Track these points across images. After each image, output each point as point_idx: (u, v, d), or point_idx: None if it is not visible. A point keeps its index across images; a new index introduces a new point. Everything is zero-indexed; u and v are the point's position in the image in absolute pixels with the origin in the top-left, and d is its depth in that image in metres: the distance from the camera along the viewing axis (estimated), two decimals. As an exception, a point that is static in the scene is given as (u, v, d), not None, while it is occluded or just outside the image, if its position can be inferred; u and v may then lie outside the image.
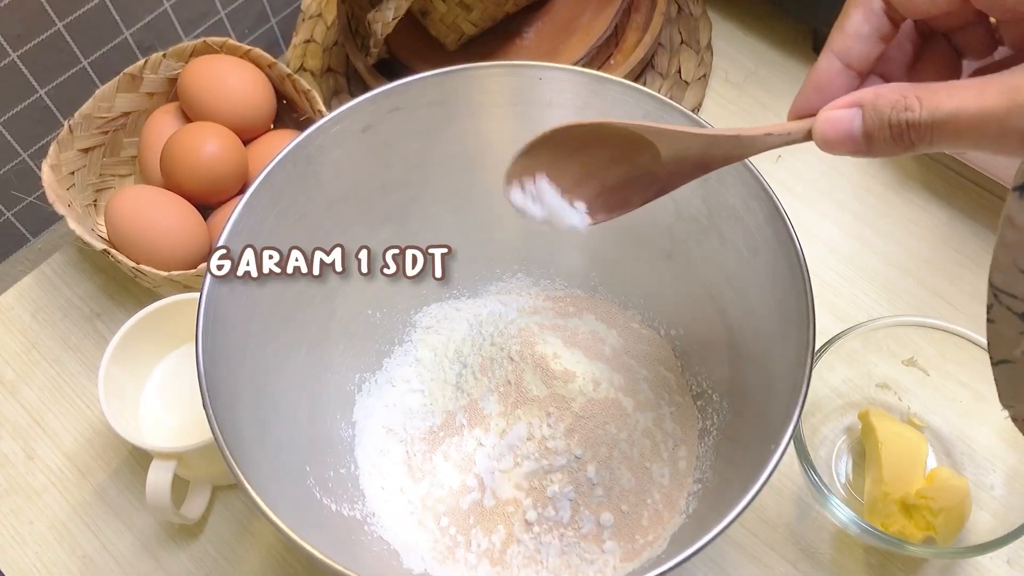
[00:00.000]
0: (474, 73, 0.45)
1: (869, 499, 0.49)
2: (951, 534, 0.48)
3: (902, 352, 0.51)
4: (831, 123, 0.29)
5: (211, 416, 0.36)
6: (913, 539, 0.47)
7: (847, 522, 0.45)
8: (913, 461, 0.49)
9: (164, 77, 0.62)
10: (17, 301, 0.61)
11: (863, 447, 0.52)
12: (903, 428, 0.50)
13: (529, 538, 0.46)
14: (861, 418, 0.51)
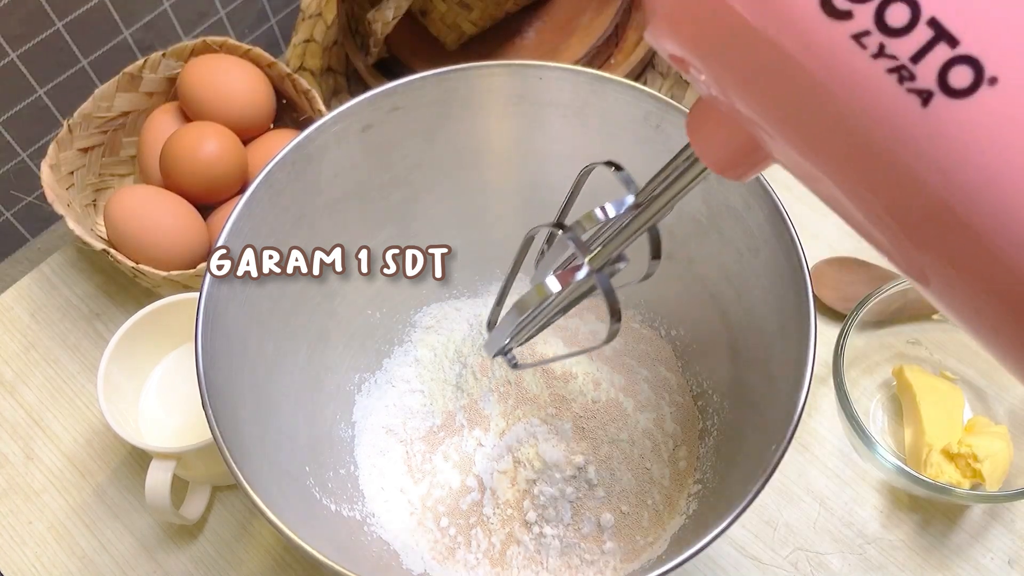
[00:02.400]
0: (474, 73, 0.45)
1: (911, 451, 0.51)
2: (998, 479, 0.49)
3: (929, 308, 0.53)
4: None
5: (210, 416, 0.36)
6: (961, 486, 0.47)
7: (894, 471, 0.46)
8: (951, 412, 0.51)
9: (163, 77, 0.62)
10: (16, 301, 0.61)
11: (898, 403, 0.53)
12: (938, 381, 0.52)
13: (529, 538, 0.46)
14: (896, 374, 0.53)
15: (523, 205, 0.51)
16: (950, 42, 0.18)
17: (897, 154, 0.19)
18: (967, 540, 0.50)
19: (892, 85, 0.19)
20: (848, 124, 0.20)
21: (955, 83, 0.18)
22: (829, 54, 0.19)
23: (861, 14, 0.18)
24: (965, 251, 0.20)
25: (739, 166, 0.24)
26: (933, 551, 0.50)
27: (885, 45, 0.19)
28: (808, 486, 0.52)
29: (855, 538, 0.51)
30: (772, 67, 0.20)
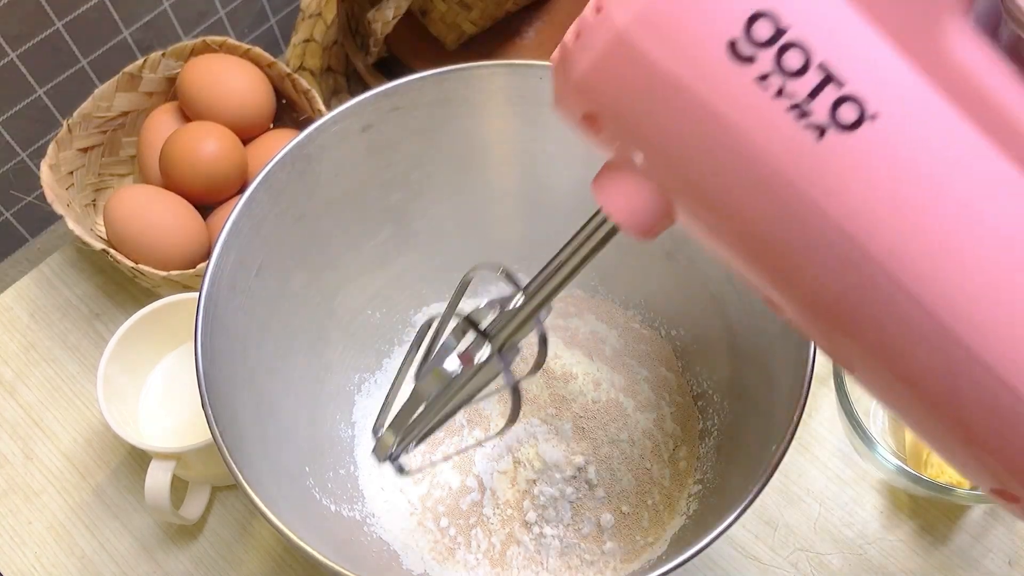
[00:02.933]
0: (474, 73, 0.45)
1: (911, 451, 0.50)
2: None
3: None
4: None
5: (210, 416, 0.36)
6: (961, 487, 0.47)
7: (895, 471, 0.46)
8: None
9: (163, 76, 0.62)
10: (16, 301, 0.61)
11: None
12: None
13: (529, 539, 0.46)
14: None
15: (523, 205, 0.51)
16: (838, 84, 0.21)
17: (798, 183, 0.22)
18: (968, 540, 0.50)
19: (791, 121, 0.21)
20: (754, 158, 0.22)
21: (843, 119, 0.21)
22: (737, 94, 0.21)
23: (763, 58, 0.21)
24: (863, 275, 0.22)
25: (648, 223, 0.26)
26: (934, 552, 0.50)
27: (784, 86, 0.21)
28: (808, 486, 0.52)
29: (856, 538, 0.51)
30: (685, 111, 0.22)
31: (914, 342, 0.23)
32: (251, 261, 0.43)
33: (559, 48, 0.23)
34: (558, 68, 0.24)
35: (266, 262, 0.44)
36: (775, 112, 0.21)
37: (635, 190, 0.25)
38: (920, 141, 0.21)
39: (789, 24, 0.21)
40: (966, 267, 0.22)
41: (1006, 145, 0.22)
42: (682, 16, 0.21)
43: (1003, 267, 0.22)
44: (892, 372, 0.24)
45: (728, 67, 0.21)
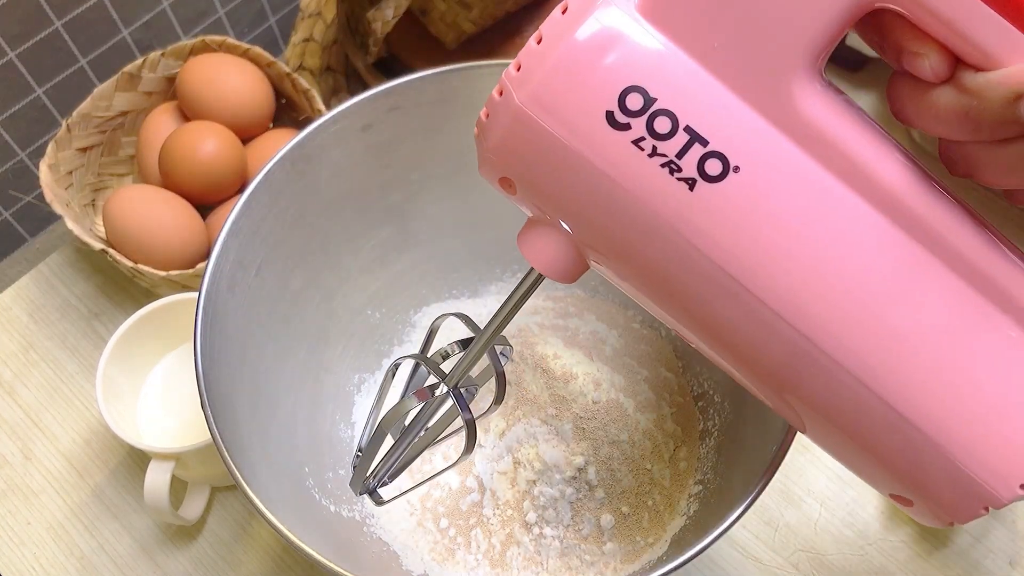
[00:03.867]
0: (474, 72, 0.45)
1: None
2: None
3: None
4: None
5: (209, 417, 0.36)
6: None
7: None
8: None
9: (162, 76, 0.62)
10: (15, 301, 0.61)
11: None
12: None
13: (529, 539, 0.46)
14: None
15: (523, 205, 0.51)
16: (702, 142, 0.24)
17: (678, 228, 0.25)
18: (968, 541, 0.50)
19: (665, 176, 0.25)
20: (639, 209, 0.25)
21: (710, 172, 0.24)
22: (617, 156, 0.25)
23: (636, 125, 0.24)
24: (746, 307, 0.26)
25: (565, 270, 0.30)
26: (934, 552, 0.50)
27: (657, 147, 0.24)
28: (809, 487, 0.52)
29: (856, 539, 0.50)
30: (577, 171, 0.25)
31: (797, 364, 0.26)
32: (251, 261, 0.43)
33: (477, 123, 0.27)
34: (478, 140, 0.27)
35: (266, 262, 0.44)
36: (651, 169, 0.25)
37: (550, 242, 0.29)
38: (779, 187, 0.25)
39: (657, 95, 0.24)
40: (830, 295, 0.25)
41: (855, 184, 0.25)
42: (567, 93, 0.25)
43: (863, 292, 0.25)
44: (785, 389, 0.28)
45: (608, 133, 0.24)
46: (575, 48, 0.24)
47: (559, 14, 0.25)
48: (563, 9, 0.25)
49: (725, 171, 0.24)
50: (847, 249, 0.25)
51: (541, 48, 0.25)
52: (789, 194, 0.25)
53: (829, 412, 0.27)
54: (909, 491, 0.28)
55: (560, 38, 0.25)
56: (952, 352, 0.25)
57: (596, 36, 0.24)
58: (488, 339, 0.34)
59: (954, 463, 0.26)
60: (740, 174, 0.24)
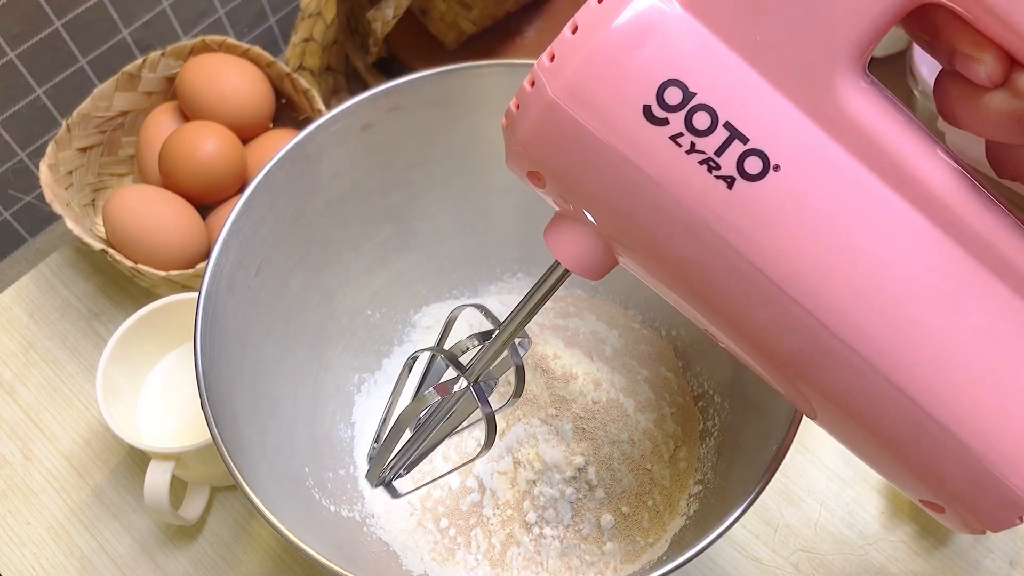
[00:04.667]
0: (474, 72, 0.45)
1: None
2: None
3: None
4: None
5: (209, 417, 0.36)
6: None
7: None
8: None
9: (162, 76, 0.62)
10: (15, 301, 0.61)
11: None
12: None
13: (529, 539, 0.46)
14: None
15: (522, 204, 0.50)
16: (742, 139, 0.23)
17: (714, 226, 0.24)
18: (968, 541, 0.50)
19: (703, 173, 0.24)
20: (674, 206, 0.24)
21: (750, 170, 0.24)
22: (654, 152, 0.24)
23: (675, 120, 0.23)
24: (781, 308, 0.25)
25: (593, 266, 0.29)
26: (935, 552, 0.50)
27: (695, 143, 0.24)
28: (809, 487, 0.52)
29: (856, 539, 0.50)
30: (611, 166, 0.24)
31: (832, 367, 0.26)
32: (251, 261, 0.43)
33: (505, 114, 0.26)
34: (506, 132, 0.26)
35: (266, 262, 0.44)
36: (689, 166, 0.24)
37: (579, 238, 0.28)
38: (820, 187, 0.24)
39: (696, 90, 0.23)
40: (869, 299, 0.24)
41: (898, 185, 0.24)
42: (603, 85, 0.24)
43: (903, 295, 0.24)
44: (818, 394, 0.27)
45: (644, 128, 0.24)
46: (612, 38, 0.23)
47: (595, 2, 0.24)
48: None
49: (765, 169, 0.24)
50: (889, 252, 0.24)
51: (576, 38, 0.24)
52: (830, 194, 0.24)
53: (862, 416, 0.26)
54: (942, 498, 0.27)
55: (596, 28, 0.24)
56: (994, 360, 0.24)
57: (634, 26, 0.23)
58: (510, 335, 0.34)
59: (991, 471, 0.25)
60: (780, 173, 0.24)
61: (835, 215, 0.24)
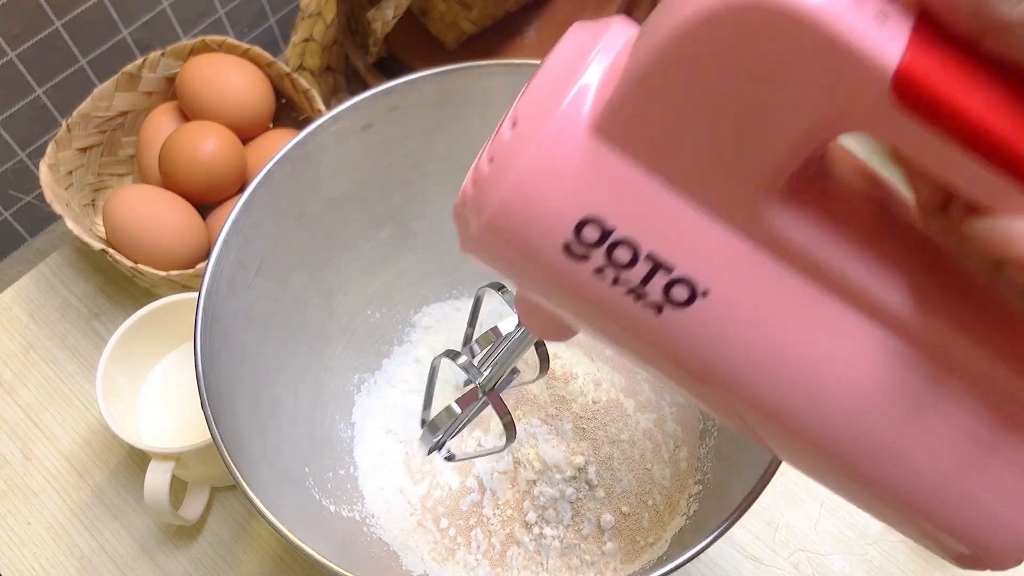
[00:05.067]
0: (474, 72, 0.45)
1: None
2: None
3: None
4: None
5: (209, 417, 0.36)
6: None
7: None
8: None
9: (162, 76, 0.62)
10: (15, 301, 0.61)
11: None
12: None
13: (529, 539, 0.46)
14: None
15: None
16: (666, 269, 0.23)
17: (650, 346, 0.24)
18: (968, 541, 0.50)
19: (630, 303, 0.23)
20: (607, 324, 0.25)
21: (677, 297, 0.23)
22: (579, 284, 0.23)
23: (595, 256, 0.23)
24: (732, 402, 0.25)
25: (556, 334, 0.30)
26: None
27: (619, 276, 0.23)
28: (809, 487, 0.52)
29: (857, 539, 0.50)
30: (543, 287, 0.25)
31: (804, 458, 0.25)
32: (251, 261, 0.43)
33: (455, 205, 0.26)
34: (455, 222, 0.26)
35: (266, 262, 0.44)
36: (615, 295, 0.23)
37: (538, 313, 0.29)
38: (753, 307, 0.23)
39: (615, 225, 0.22)
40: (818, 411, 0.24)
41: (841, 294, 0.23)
42: (520, 224, 0.23)
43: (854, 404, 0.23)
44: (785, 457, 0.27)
45: (567, 264, 0.23)
46: (525, 177, 0.23)
47: (508, 130, 0.23)
48: (512, 122, 0.23)
49: (693, 296, 0.23)
50: (833, 363, 0.23)
51: (492, 171, 0.23)
52: (765, 314, 0.23)
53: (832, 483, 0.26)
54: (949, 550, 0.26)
55: (509, 165, 0.23)
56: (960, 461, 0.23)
57: (546, 162, 0.22)
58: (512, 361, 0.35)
59: None
60: (709, 298, 0.23)
61: (772, 333, 0.23)
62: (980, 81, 0.18)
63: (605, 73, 0.22)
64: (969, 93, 0.18)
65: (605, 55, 0.23)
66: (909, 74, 0.18)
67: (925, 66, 0.18)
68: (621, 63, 0.22)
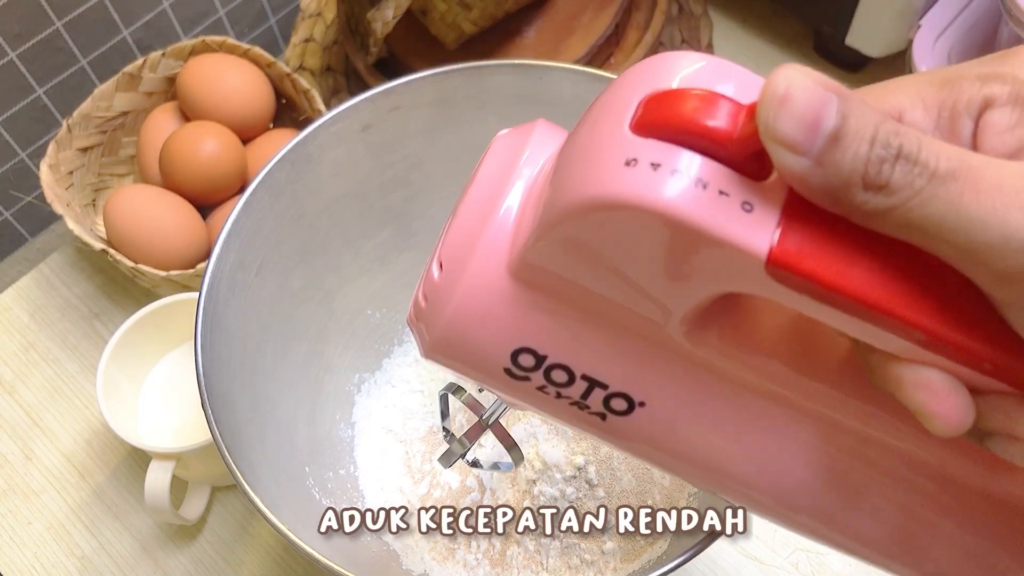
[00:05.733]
0: (474, 72, 0.45)
1: None
2: None
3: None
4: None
5: (210, 416, 0.36)
6: None
7: None
8: None
9: (163, 76, 0.62)
10: (15, 301, 0.61)
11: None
12: None
13: (529, 539, 0.46)
14: None
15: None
16: (602, 387, 0.24)
17: (602, 441, 0.26)
18: (968, 540, 0.50)
19: (576, 411, 0.25)
20: (565, 424, 0.26)
21: (617, 408, 0.25)
22: (526, 396, 0.25)
23: (535, 377, 0.24)
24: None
25: None
26: (934, 551, 0.50)
27: (560, 392, 0.25)
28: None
29: (856, 538, 0.51)
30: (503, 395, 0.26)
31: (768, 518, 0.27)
32: (251, 261, 0.43)
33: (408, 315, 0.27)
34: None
35: (266, 262, 0.44)
36: (561, 405, 0.25)
37: None
38: (687, 411, 0.25)
39: (546, 352, 0.24)
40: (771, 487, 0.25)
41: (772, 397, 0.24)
42: (462, 352, 0.25)
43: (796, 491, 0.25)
44: None
45: (511, 382, 0.25)
46: (456, 318, 0.24)
47: (435, 271, 0.25)
48: (439, 264, 0.25)
49: (631, 407, 0.24)
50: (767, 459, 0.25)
51: (428, 309, 0.25)
52: (701, 416, 0.25)
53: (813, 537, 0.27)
54: None
55: (441, 306, 0.24)
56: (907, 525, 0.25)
57: (473, 304, 0.24)
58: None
59: None
60: (647, 407, 0.24)
61: (709, 431, 0.25)
62: (851, 248, 0.19)
63: (518, 212, 0.24)
64: (840, 264, 0.19)
65: (520, 185, 0.24)
66: (780, 259, 0.18)
67: (795, 246, 0.18)
68: (532, 202, 0.23)
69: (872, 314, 0.19)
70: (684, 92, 0.19)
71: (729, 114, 0.19)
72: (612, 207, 0.19)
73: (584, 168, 0.20)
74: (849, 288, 0.19)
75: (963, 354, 0.19)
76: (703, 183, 0.18)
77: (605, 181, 0.19)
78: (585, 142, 0.21)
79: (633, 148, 0.19)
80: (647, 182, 0.19)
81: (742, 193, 0.19)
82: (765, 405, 0.24)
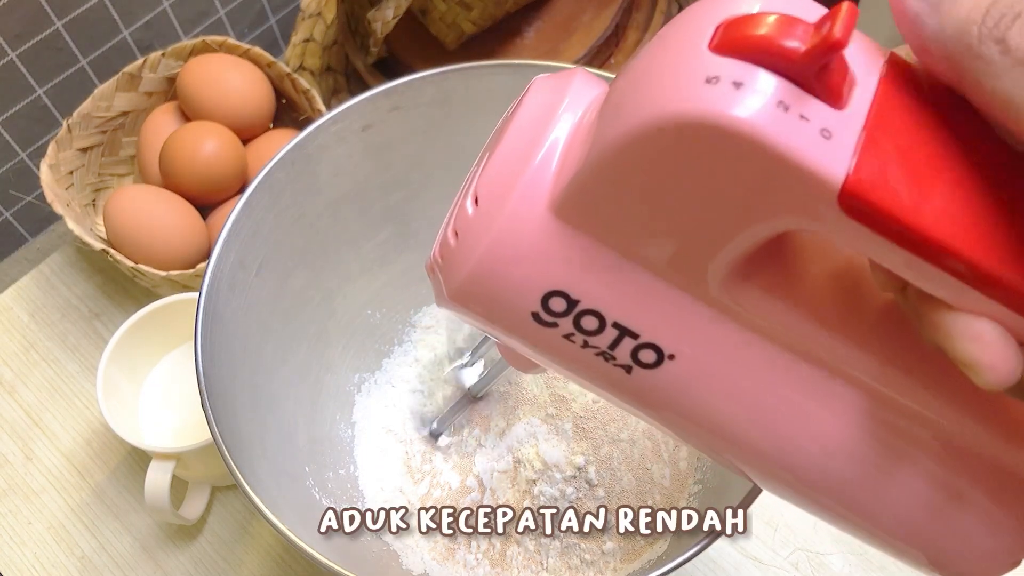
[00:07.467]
0: (474, 72, 0.45)
1: None
2: None
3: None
4: None
5: (210, 416, 0.36)
6: None
7: None
8: None
9: (163, 76, 0.62)
10: (15, 301, 0.61)
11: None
12: None
13: (529, 539, 0.46)
14: None
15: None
16: (632, 336, 0.23)
17: (621, 400, 0.26)
18: (968, 540, 0.50)
19: (602, 363, 0.24)
20: (581, 376, 0.26)
21: (645, 360, 0.24)
22: (550, 345, 0.25)
23: (564, 323, 0.24)
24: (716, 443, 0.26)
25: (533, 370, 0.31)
26: (934, 551, 0.50)
27: (587, 341, 0.24)
28: (808, 486, 0.52)
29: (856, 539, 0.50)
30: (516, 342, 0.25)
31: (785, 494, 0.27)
32: (251, 261, 0.43)
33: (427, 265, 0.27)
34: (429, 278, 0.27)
35: (266, 262, 0.44)
36: (586, 356, 0.24)
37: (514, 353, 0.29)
38: (717, 367, 0.24)
39: (579, 297, 0.23)
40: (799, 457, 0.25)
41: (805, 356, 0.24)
42: (489, 296, 0.24)
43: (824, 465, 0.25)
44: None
45: (536, 329, 0.24)
46: (490, 255, 0.23)
47: (470, 207, 0.24)
48: (474, 199, 0.24)
49: (660, 359, 0.24)
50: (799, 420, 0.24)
51: (458, 247, 0.24)
52: (731, 374, 0.24)
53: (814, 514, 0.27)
54: None
55: (474, 243, 0.24)
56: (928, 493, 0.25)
57: (510, 241, 0.23)
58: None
59: None
60: (676, 360, 0.24)
61: (739, 390, 0.24)
62: (926, 183, 0.18)
63: (563, 149, 0.23)
64: (914, 197, 0.18)
65: (565, 124, 0.23)
66: (855, 188, 0.18)
67: (871, 178, 0.18)
68: (579, 138, 0.22)
69: (937, 251, 0.18)
70: (766, 14, 0.19)
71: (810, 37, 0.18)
72: (694, 125, 0.18)
73: (660, 85, 0.19)
74: (919, 222, 0.18)
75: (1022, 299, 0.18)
76: (785, 105, 0.18)
77: (686, 98, 0.18)
78: (658, 61, 0.20)
79: (714, 66, 0.18)
80: (731, 101, 0.18)
81: (821, 119, 0.18)
82: (798, 367, 0.24)
